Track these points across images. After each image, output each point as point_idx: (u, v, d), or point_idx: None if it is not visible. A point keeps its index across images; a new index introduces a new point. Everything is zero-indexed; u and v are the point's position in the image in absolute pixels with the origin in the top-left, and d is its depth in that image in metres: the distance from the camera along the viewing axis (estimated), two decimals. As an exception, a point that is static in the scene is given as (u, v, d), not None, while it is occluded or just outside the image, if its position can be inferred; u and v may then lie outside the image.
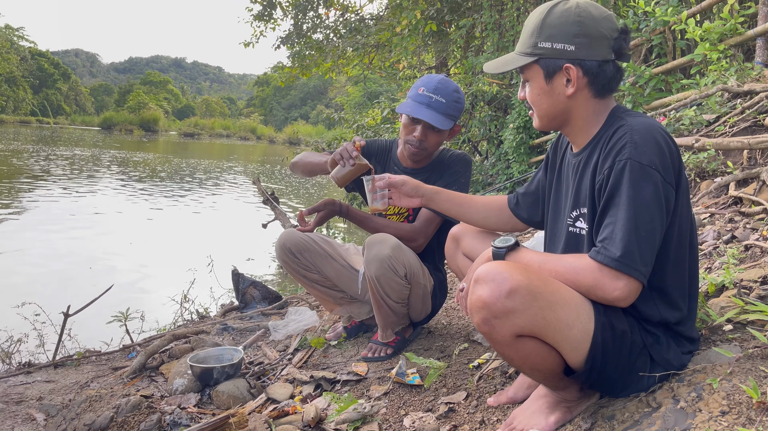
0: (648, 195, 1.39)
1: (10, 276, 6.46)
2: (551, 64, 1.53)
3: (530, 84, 1.60)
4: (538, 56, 1.54)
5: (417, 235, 2.51)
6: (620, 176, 1.41)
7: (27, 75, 73.83)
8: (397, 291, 2.43)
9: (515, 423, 1.67)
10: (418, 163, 2.62)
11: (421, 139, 2.48)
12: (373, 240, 2.40)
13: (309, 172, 2.67)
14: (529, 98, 1.62)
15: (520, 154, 7.71)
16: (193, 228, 10.41)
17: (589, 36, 1.49)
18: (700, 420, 1.32)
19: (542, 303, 1.39)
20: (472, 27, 9.54)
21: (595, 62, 1.51)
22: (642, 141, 1.41)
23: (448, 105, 2.43)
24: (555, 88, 1.55)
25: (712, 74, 4.32)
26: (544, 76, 1.56)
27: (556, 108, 1.58)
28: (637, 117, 1.50)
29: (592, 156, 1.54)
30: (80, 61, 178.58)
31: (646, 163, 1.39)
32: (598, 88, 1.55)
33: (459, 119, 2.54)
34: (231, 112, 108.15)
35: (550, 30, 1.51)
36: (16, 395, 2.80)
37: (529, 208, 1.93)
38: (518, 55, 1.59)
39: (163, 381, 2.75)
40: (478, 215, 2.00)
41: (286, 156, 15.91)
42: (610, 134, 1.50)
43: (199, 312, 4.50)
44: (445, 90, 2.44)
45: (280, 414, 2.12)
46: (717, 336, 1.71)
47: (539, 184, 1.90)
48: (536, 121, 1.66)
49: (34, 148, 27.44)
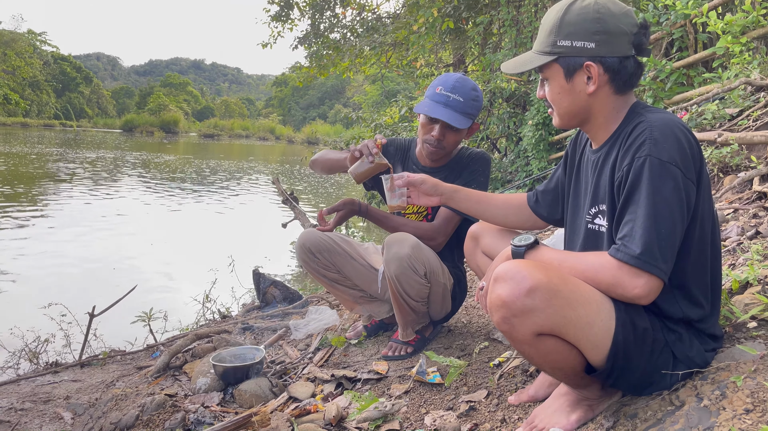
0: (668, 192, 1.38)
1: (36, 277, 6.58)
2: (571, 63, 1.52)
3: (550, 83, 1.59)
4: (558, 55, 1.53)
5: (436, 234, 2.52)
6: (640, 173, 1.40)
7: (50, 79, 75.02)
8: (417, 290, 2.44)
9: (536, 422, 1.67)
10: (437, 162, 2.62)
11: (439, 138, 2.48)
12: (392, 240, 2.41)
13: (329, 168, 2.68)
14: (549, 97, 1.61)
15: (539, 150, 7.65)
16: (214, 229, 10.51)
17: (609, 32, 1.48)
18: (724, 419, 1.31)
19: (562, 302, 1.38)
20: (490, 24, 9.50)
21: (616, 59, 1.50)
22: (662, 137, 1.40)
23: (465, 104, 2.42)
24: (575, 86, 1.54)
25: (735, 67, 4.26)
26: (564, 75, 1.54)
27: (577, 106, 1.57)
28: (656, 113, 1.49)
29: (612, 152, 1.53)
30: (101, 65, 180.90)
31: (666, 159, 1.38)
32: (619, 85, 1.53)
33: (477, 117, 2.53)
34: (250, 113, 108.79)
35: (569, 28, 1.50)
36: (43, 394, 2.85)
37: (549, 205, 1.93)
38: (536, 54, 1.58)
39: (187, 380, 2.78)
40: (498, 213, 1.99)
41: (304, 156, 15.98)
42: (630, 130, 1.48)
43: (221, 311, 4.55)
44: (463, 88, 2.43)
45: (301, 412, 2.14)
46: (741, 334, 1.68)
47: (558, 181, 1.89)
48: (556, 120, 1.64)
49: (57, 151, 27.88)
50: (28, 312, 4.72)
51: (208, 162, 27.19)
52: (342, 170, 2.58)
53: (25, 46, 65.97)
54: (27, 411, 2.62)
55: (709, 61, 5.21)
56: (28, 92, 66.72)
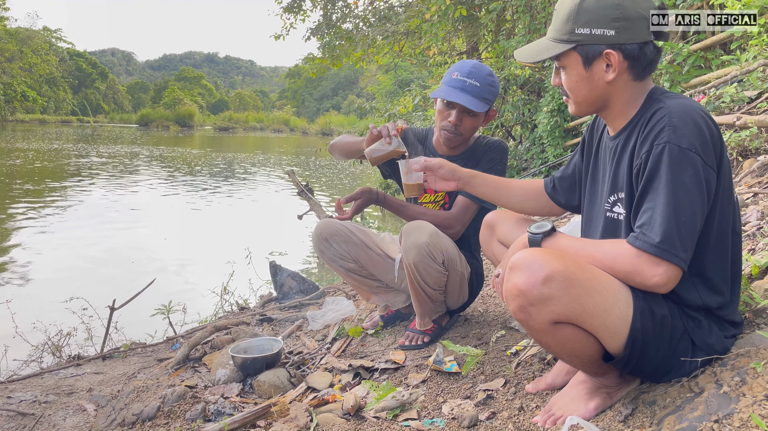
0: (688, 179, 1.35)
1: (57, 271, 6.68)
2: (590, 51, 1.49)
3: (567, 71, 1.56)
4: (576, 43, 1.49)
5: (454, 222, 2.51)
6: (659, 160, 1.38)
7: (66, 75, 75.67)
8: (435, 278, 2.44)
9: (554, 410, 1.66)
10: (454, 149, 2.61)
11: (456, 124, 2.47)
12: (410, 228, 2.41)
13: (347, 152, 2.68)
14: (566, 85, 1.58)
15: (554, 137, 7.60)
16: (230, 221, 10.58)
17: (629, 18, 1.45)
18: (744, 405, 1.30)
19: (579, 290, 1.37)
20: (503, 10, 9.41)
21: (636, 45, 1.47)
22: (681, 123, 1.38)
23: (482, 88, 2.41)
24: (594, 74, 1.51)
25: (753, 49, 4.18)
26: (583, 63, 1.51)
27: (595, 94, 1.55)
28: (675, 98, 1.46)
29: (630, 139, 1.51)
30: (116, 60, 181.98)
31: (686, 146, 1.36)
32: (638, 71, 1.51)
33: (494, 103, 2.51)
34: (264, 105, 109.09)
35: (588, 15, 1.47)
36: (67, 386, 2.90)
37: (566, 192, 1.91)
38: (552, 41, 1.55)
39: (206, 372, 2.82)
40: (516, 199, 1.98)
41: (319, 147, 16.01)
42: (648, 117, 1.46)
43: (238, 303, 4.59)
44: (479, 74, 2.42)
45: (320, 402, 2.16)
46: (761, 319, 1.67)
47: (575, 167, 1.87)
48: (573, 108, 1.62)
49: (75, 146, 28.18)
50: (50, 306, 4.80)
51: (224, 155, 27.33)
52: (360, 154, 2.58)
53: (41, 43, 66.49)
54: (51, 403, 2.67)
55: (727, 43, 5.12)
56: (45, 89, 67.38)
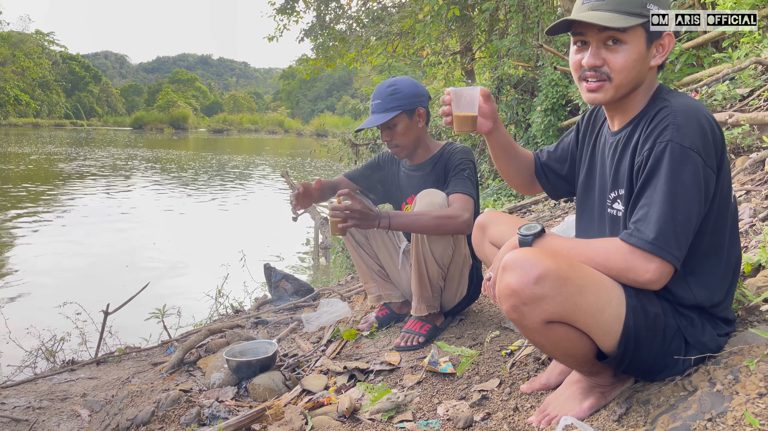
0: (687, 178, 1.35)
1: (51, 276, 6.66)
2: (656, 30, 1.47)
3: (626, 48, 1.46)
4: (647, 19, 1.45)
5: (461, 211, 2.42)
6: (660, 158, 1.38)
7: (59, 79, 75.45)
8: (441, 251, 2.48)
9: (549, 410, 1.66)
10: (414, 159, 2.75)
11: (388, 140, 2.67)
12: (424, 192, 2.49)
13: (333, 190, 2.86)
14: (620, 63, 1.47)
15: (548, 136, 7.60)
16: (224, 224, 10.56)
17: (669, 7, 1.47)
18: (737, 403, 1.30)
19: (572, 289, 1.37)
20: (496, 10, 9.42)
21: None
22: (685, 123, 1.38)
23: (384, 101, 2.61)
24: (649, 55, 1.49)
25: (745, 47, 4.19)
26: (646, 41, 1.47)
27: (641, 77, 1.50)
28: (680, 97, 1.46)
29: (633, 136, 1.51)
30: (110, 63, 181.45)
31: (688, 145, 1.36)
32: (665, 60, 1.52)
33: (411, 104, 2.62)
34: (258, 107, 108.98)
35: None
36: (61, 392, 2.89)
37: (556, 183, 1.90)
38: (618, 14, 1.44)
39: (201, 376, 2.81)
40: (516, 165, 1.95)
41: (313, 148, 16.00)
42: (653, 114, 1.46)
43: (233, 306, 4.58)
44: (380, 90, 2.64)
45: (315, 405, 2.15)
46: (754, 317, 1.67)
47: (566, 151, 1.86)
48: (609, 92, 1.51)
49: (67, 150, 28.07)
50: (44, 311, 4.79)
51: (218, 157, 27.27)
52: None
53: (34, 46, 66.32)
54: (44, 409, 2.66)
55: (719, 41, 5.14)
56: (38, 92, 67.18)
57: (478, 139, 8.23)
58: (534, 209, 5.31)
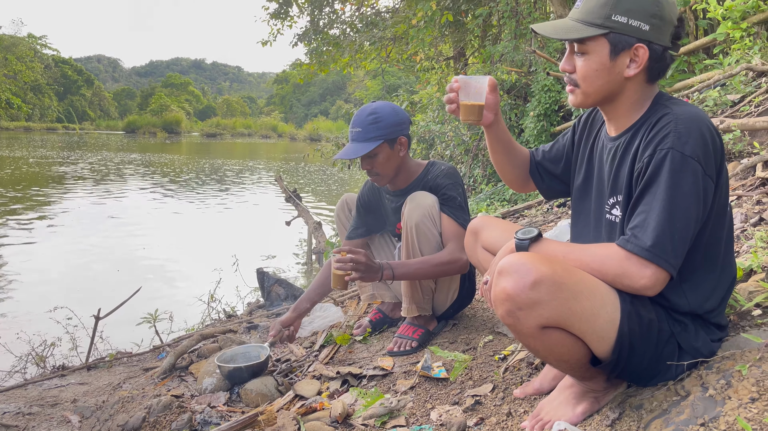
0: (687, 186, 1.36)
1: (42, 281, 6.61)
2: (622, 41, 1.46)
3: (588, 57, 1.50)
4: (610, 30, 1.45)
5: (459, 254, 2.46)
6: (660, 165, 1.38)
7: (51, 82, 75.05)
8: (431, 247, 2.48)
9: (542, 415, 1.66)
10: (396, 185, 2.71)
11: (368, 169, 2.61)
12: (415, 194, 2.52)
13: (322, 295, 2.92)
14: (582, 72, 1.52)
15: (541, 141, 7.62)
16: (217, 228, 10.52)
17: (663, 19, 1.45)
18: (730, 408, 1.30)
19: (567, 294, 1.37)
20: (489, 15, 9.46)
21: (660, 47, 1.46)
22: (686, 131, 1.38)
23: (365, 130, 2.53)
24: (617, 66, 1.48)
25: (736, 53, 4.23)
26: (610, 52, 1.47)
27: (611, 87, 1.51)
28: (682, 106, 1.46)
29: (633, 142, 1.51)
30: (102, 67, 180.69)
31: (689, 153, 1.36)
32: (653, 74, 1.50)
33: (392, 133, 2.55)
34: (252, 111, 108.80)
35: (629, 4, 1.44)
36: (51, 398, 2.86)
37: (551, 185, 1.90)
38: (583, 23, 1.48)
39: (193, 381, 2.79)
40: (515, 160, 1.93)
41: (307, 153, 16.00)
42: (654, 122, 1.46)
43: (226, 311, 4.56)
44: (359, 118, 2.55)
45: (308, 410, 2.14)
46: (746, 322, 1.68)
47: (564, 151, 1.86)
48: (579, 98, 1.56)
49: (59, 154, 27.95)
50: (35, 316, 4.75)
51: (211, 162, 27.22)
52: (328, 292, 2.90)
53: (26, 50, 66.02)
54: (35, 415, 2.63)
55: (710, 47, 5.18)
56: (30, 96, 66.83)
57: (471, 143, 8.25)
58: (527, 214, 5.32)
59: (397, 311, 2.94)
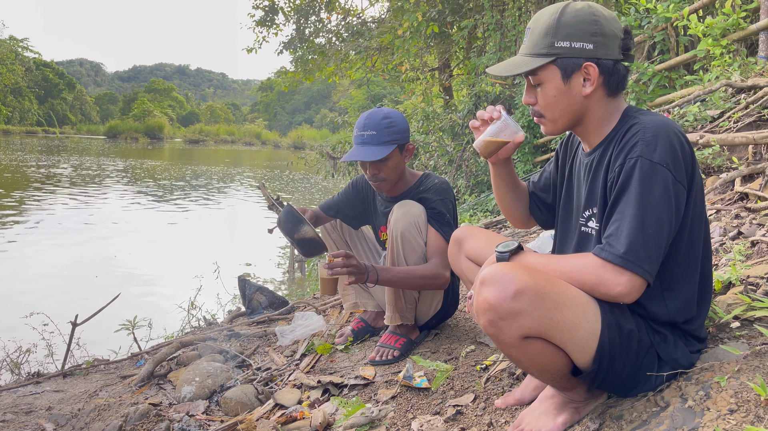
0: (657, 193, 1.38)
1: (18, 286, 6.50)
2: (570, 63, 1.51)
3: (544, 86, 1.56)
4: (556, 56, 1.51)
5: (442, 270, 2.48)
6: (630, 174, 1.41)
7: (32, 85, 74.19)
8: (416, 256, 2.48)
9: (523, 425, 1.66)
10: (392, 192, 2.70)
11: (374, 174, 2.58)
12: (404, 202, 2.51)
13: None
14: (543, 102, 1.57)
15: (524, 153, 7.69)
16: (199, 235, 10.44)
17: (605, 35, 1.49)
18: (708, 419, 1.31)
19: (549, 304, 1.38)
20: (474, 28, 9.54)
21: (610, 61, 1.51)
22: (653, 139, 1.41)
23: (380, 134, 2.50)
24: (572, 87, 1.53)
25: (716, 70, 4.30)
26: (562, 76, 1.52)
27: (573, 108, 1.56)
28: (650, 116, 1.49)
29: (605, 155, 1.54)
30: (85, 71, 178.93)
31: (657, 161, 1.39)
32: (611, 87, 1.54)
33: (404, 139, 2.56)
34: (235, 118, 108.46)
35: (568, 29, 1.49)
36: (25, 405, 2.81)
37: (548, 215, 1.92)
38: (530, 56, 1.55)
39: (172, 389, 2.75)
40: (518, 196, 1.95)
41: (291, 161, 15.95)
42: (624, 132, 1.49)
43: (206, 318, 4.51)
44: (373, 121, 2.51)
45: (288, 419, 2.12)
46: (724, 334, 1.70)
47: (548, 181, 1.89)
48: (548, 126, 1.61)
49: (38, 158, 27.58)
50: (9, 321, 4.66)
51: (193, 168, 27.03)
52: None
53: (7, 52, 65.30)
54: (8, 422, 2.58)
55: (691, 63, 5.26)
56: (9, 99, 65.98)
57: (455, 154, 8.29)
58: (510, 224, 5.35)
59: (380, 320, 2.94)
